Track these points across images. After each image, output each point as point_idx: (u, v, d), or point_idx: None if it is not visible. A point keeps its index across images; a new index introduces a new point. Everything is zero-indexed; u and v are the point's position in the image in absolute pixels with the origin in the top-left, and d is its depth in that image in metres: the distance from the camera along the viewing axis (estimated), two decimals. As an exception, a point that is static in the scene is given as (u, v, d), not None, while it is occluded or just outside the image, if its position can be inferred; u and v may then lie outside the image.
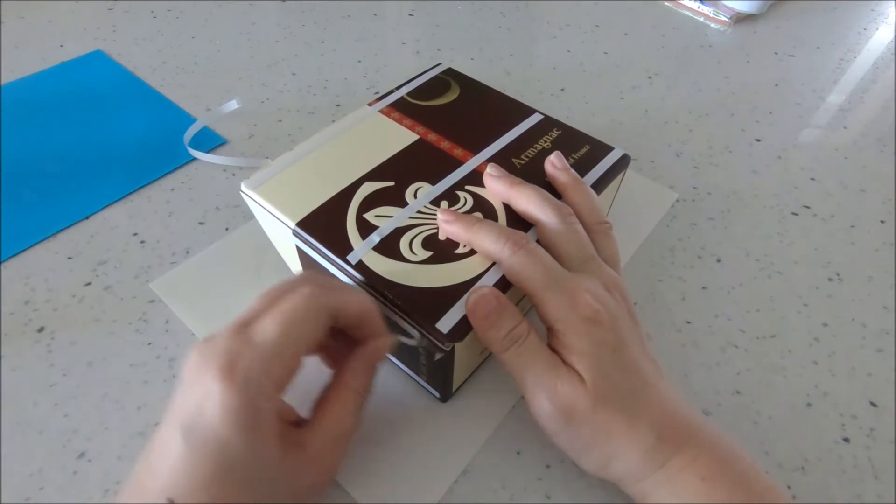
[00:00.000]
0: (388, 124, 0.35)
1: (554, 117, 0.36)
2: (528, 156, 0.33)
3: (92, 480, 0.27)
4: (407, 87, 0.38)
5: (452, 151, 0.33)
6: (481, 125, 0.35)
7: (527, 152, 0.34)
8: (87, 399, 0.30)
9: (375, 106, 0.36)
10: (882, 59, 0.59)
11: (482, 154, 0.33)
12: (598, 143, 0.35)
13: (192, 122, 0.46)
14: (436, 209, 0.30)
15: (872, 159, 0.47)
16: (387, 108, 0.36)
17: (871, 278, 0.38)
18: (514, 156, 0.33)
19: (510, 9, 0.63)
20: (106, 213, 0.40)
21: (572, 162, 0.33)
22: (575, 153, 0.34)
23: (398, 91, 0.37)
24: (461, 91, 0.38)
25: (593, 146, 0.34)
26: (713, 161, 0.46)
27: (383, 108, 0.36)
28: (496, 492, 0.28)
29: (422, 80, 0.39)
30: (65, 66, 0.52)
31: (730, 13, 0.62)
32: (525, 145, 0.34)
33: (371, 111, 0.36)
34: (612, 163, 0.33)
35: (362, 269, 0.27)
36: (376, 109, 0.36)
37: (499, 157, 0.33)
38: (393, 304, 0.26)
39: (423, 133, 0.34)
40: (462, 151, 0.33)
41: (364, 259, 0.27)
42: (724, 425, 0.30)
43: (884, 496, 0.28)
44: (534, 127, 0.35)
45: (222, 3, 0.62)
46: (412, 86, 0.38)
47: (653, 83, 0.54)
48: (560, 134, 0.35)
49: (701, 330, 0.35)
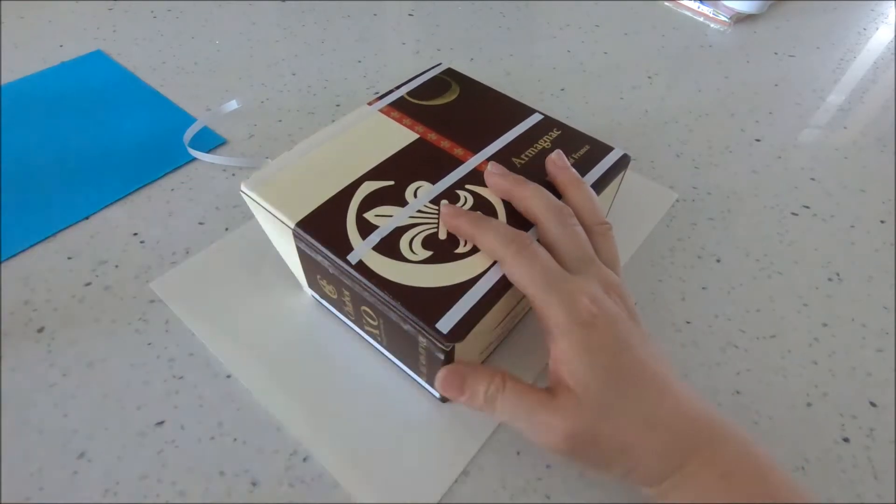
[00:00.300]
0: (388, 123, 0.35)
1: (554, 117, 0.36)
2: (528, 155, 0.33)
3: (92, 480, 0.27)
4: (407, 86, 0.38)
5: (452, 151, 0.33)
6: (481, 125, 0.35)
7: (527, 152, 0.34)
8: (87, 399, 0.30)
9: (375, 105, 0.36)
10: (882, 59, 0.59)
11: (482, 153, 0.33)
12: (597, 143, 0.35)
13: (192, 122, 0.46)
14: (436, 208, 0.30)
15: (872, 159, 0.47)
16: (387, 108, 0.36)
17: (871, 278, 0.38)
18: (514, 155, 0.33)
19: (510, 9, 0.63)
20: (106, 213, 0.40)
21: (572, 162, 0.33)
22: (575, 153, 0.34)
23: (398, 90, 0.37)
24: (461, 91, 0.38)
25: (593, 146, 0.34)
26: (713, 161, 0.46)
27: (383, 108, 0.36)
28: (496, 492, 0.28)
29: (422, 80, 0.38)
30: (65, 66, 0.52)
31: (730, 13, 0.62)
32: (525, 145, 0.34)
33: (371, 110, 0.36)
34: (612, 163, 0.33)
35: (362, 269, 0.27)
36: (376, 109, 0.36)
37: (499, 157, 0.33)
38: (392, 304, 0.26)
39: (423, 132, 0.34)
40: (462, 151, 0.33)
41: (364, 259, 0.27)
42: (724, 425, 0.30)
43: (884, 496, 0.28)
44: (534, 127, 0.35)
45: (222, 3, 0.62)
46: (412, 85, 0.38)
47: (653, 83, 0.54)
48: (560, 134, 0.35)
49: (701, 330, 0.35)
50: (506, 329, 0.32)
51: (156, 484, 0.27)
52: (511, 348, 0.33)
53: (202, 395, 0.30)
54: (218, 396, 0.30)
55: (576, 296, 0.25)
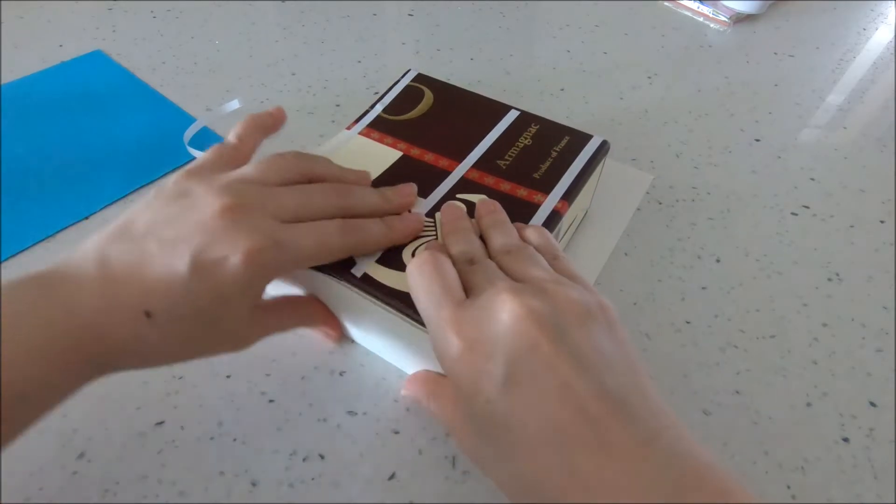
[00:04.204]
0: (370, 145, 0.35)
1: (552, 118, 0.36)
2: (511, 155, 0.34)
3: (92, 480, 0.27)
4: (381, 103, 0.38)
5: (438, 163, 0.34)
6: (461, 131, 0.35)
7: (510, 152, 0.34)
8: (87, 399, 0.30)
9: (354, 129, 0.36)
10: (882, 59, 0.59)
11: (467, 161, 0.34)
12: (577, 133, 0.35)
13: (191, 121, 0.46)
14: (432, 221, 0.30)
15: (872, 159, 0.47)
16: (366, 129, 0.36)
17: (871, 278, 0.38)
18: (498, 157, 0.34)
19: (510, 9, 0.63)
20: (106, 213, 0.40)
21: (554, 154, 0.34)
22: (556, 146, 0.34)
23: (373, 110, 0.37)
24: (435, 98, 0.38)
25: (573, 137, 0.35)
26: (713, 161, 0.46)
27: (362, 130, 0.36)
28: (496, 492, 0.28)
29: (395, 93, 0.39)
30: (64, 66, 0.52)
31: (729, 13, 0.62)
32: (507, 145, 0.35)
33: (351, 134, 0.36)
34: (592, 151, 0.34)
35: (368, 280, 0.27)
36: (356, 132, 0.36)
37: (483, 162, 0.34)
38: (402, 311, 0.26)
39: (406, 149, 0.34)
40: (447, 161, 0.34)
41: (368, 271, 0.28)
42: (724, 425, 0.30)
43: (883, 496, 0.28)
44: (512, 125, 0.36)
45: (222, 3, 0.62)
46: (386, 101, 0.38)
47: (653, 83, 0.54)
48: (539, 128, 0.36)
49: (701, 330, 0.35)
50: None
51: (155, 484, 0.27)
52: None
53: (202, 395, 0.30)
54: (218, 396, 0.30)
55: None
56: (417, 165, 0.33)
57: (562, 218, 0.31)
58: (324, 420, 0.30)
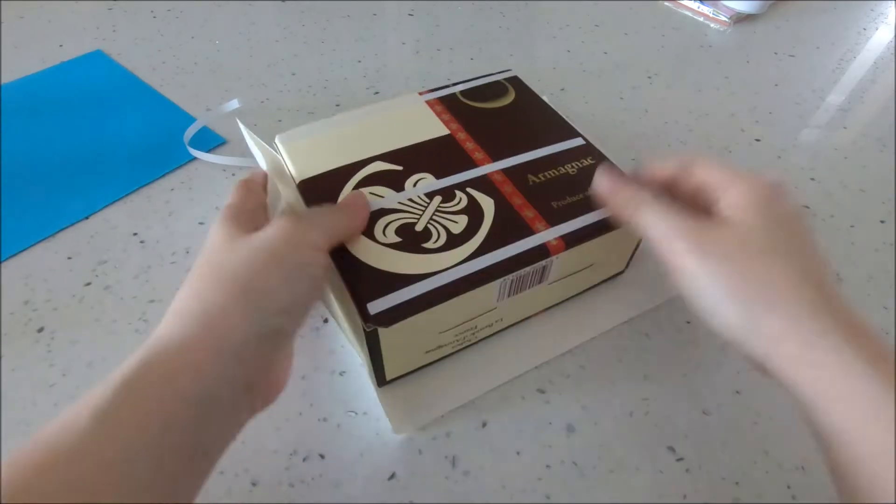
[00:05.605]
0: (427, 114, 0.36)
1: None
2: (546, 176, 0.32)
3: (92, 480, 0.27)
4: (464, 84, 0.39)
5: (473, 154, 0.33)
6: (517, 136, 0.35)
7: (547, 172, 0.32)
8: (87, 399, 0.30)
9: (425, 95, 0.37)
10: (882, 59, 0.59)
11: (500, 163, 0.33)
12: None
13: (191, 121, 0.46)
14: (428, 201, 0.30)
15: (872, 159, 0.47)
16: (434, 100, 0.37)
17: (871, 278, 0.38)
18: (531, 172, 0.32)
19: (510, 9, 0.63)
20: (106, 213, 0.40)
21: (587, 194, 0.32)
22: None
23: (454, 87, 0.38)
24: (515, 99, 0.38)
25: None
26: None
27: (430, 100, 0.37)
28: (496, 492, 0.28)
29: (481, 82, 0.39)
30: (65, 66, 0.52)
31: (729, 13, 0.62)
32: (548, 165, 0.33)
33: (418, 99, 0.37)
34: None
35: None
36: (424, 99, 0.37)
37: (514, 170, 0.32)
38: (342, 273, 0.27)
39: (455, 130, 0.35)
40: (483, 155, 0.33)
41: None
42: (724, 425, 0.30)
43: (884, 496, 0.28)
44: (569, 150, 0.34)
45: (222, 3, 0.62)
46: (469, 84, 0.39)
47: (653, 83, 0.54)
48: (592, 164, 0.33)
49: (701, 330, 0.34)
50: (463, 339, 0.31)
51: (156, 484, 0.27)
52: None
53: (202, 395, 0.30)
54: (218, 396, 0.30)
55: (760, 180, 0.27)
56: (453, 148, 0.34)
57: (550, 257, 0.29)
58: (324, 420, 0.30)
